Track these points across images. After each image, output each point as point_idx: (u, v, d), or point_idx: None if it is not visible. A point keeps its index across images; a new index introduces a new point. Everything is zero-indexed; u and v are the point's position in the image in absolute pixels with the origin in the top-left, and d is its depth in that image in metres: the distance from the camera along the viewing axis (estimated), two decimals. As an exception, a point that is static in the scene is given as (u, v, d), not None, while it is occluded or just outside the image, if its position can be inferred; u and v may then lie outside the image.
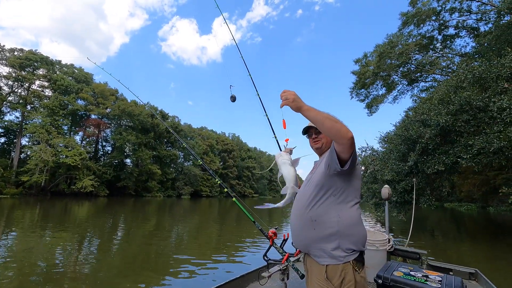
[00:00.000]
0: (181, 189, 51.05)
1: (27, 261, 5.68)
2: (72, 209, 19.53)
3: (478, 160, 7.32)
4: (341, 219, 1.25)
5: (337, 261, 1.23)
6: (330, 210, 1.28)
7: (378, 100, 21.21)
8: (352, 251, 1.24)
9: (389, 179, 8.93)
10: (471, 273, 3.05)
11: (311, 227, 1.30)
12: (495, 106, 7.05)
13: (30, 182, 31.23)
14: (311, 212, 1.32)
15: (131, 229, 11.34)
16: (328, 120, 1.15)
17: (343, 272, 1.21)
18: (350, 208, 1.28)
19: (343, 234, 1.24)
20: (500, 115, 6.98)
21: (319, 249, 1.28)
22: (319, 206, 1.30)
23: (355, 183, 1.31)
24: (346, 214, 1.27)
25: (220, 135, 72.82)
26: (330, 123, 1.15)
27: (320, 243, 1.27)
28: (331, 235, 1.25)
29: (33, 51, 36.95)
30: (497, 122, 7.10)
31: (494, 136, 6.86)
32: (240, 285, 2.58)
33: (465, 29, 17.69)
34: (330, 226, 1.26)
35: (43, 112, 35.19)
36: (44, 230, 9.66)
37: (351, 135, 1.13)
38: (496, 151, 6.91)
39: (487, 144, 6.93)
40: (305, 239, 1.33)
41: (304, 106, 1.22)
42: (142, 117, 42.99)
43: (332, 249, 1.24)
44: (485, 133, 7.18)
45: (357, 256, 1.25)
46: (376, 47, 19.51)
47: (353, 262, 1.23)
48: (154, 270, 5.59)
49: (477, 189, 24.15)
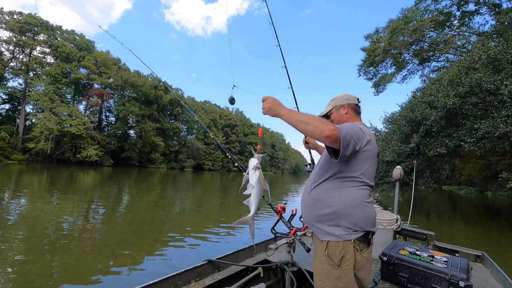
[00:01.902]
0: (184, 161, 51.90)
1: (37, 225, 5.93)
2: (78, 177, 20.11)
3: (481, 144, 7.26)
4: (341, 200, 1.27)
5: (338, 238, 1.25)
6: (332, 190, 1.30)
7: (386, 79, 20.59)
8: (353, 230, 1.25)
9: (390, 160, 8.96)
10: (478, 255, 3.03)
11: (313, 205, 1.35)
12: (507, 89, 6.82)
13: (36, 149, 31.89)
14: (314, 191, 1.38)
15: (135, 198, 11.73)
16: (300, 123, 1.18)
17: (343, 250, 1.23)
18: (354, 190, 1.28)
19: (342, 214, 1.26)
20: (510, 99, 6.79)
21: (320, 226, 1.32)
22: (322, 186, 1.35)
23: (361, 166, 1.29)
24: (348, 195, 1.27)
25: (223, 110, 72.32)
26: (302, 127, 1.17)
27: (321, 221, 1.31)
28: (330, 214, 1.28)
29: (32, 15, 35.77)
30: (506, 106, 6.91)
31: (501, 120, 6.72)
32: (247, 255, 2.66)
33: (486, 5, 16.54)
34: (330, 205, 1.29)
35: (46, 80, 34.90)
36: (51, 196, 10.03)
37: (325, 134, 1.12)
38: (501, 135, 6.81)
39: (492, 128, 6.82)
40: (308, 215, 1.39)
41: (281, 112, 1.24)
42: (145, 89, 42.56)
43: (332, 226, 1.27)
44: (492, 117, 7.03)
45: (360, 236, 1.25)
46: (389, 22, 18.53)
47: (355, 241, 1.24)
48: (158, 239, 5.76)
49: (478, 173, 24.21)
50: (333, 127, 1.14)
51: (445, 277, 1.99)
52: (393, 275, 2.27)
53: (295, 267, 2.18)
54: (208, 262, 2.24)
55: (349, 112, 1.51)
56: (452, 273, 1.99)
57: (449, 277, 1.98)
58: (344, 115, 1.50)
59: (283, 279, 2.45)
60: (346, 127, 1.22)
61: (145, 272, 3.99)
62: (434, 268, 2.07)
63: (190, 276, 2.08)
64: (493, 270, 2.67)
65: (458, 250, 3.08)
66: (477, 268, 2.81)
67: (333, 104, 1.55)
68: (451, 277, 1.97)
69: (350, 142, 1.18)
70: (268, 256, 2.49)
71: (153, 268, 4.14)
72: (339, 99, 1.54)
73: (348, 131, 1.19)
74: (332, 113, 1.55)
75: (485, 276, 2.60)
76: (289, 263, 2.17)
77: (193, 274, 2.11)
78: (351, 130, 1.22)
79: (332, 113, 1.55)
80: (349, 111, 1.51)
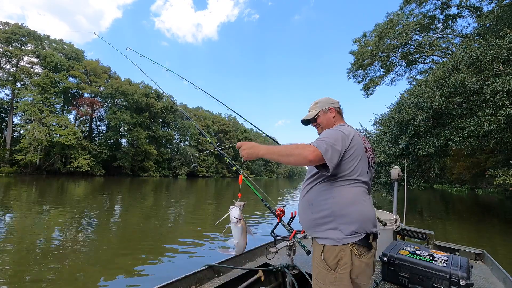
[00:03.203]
0: (178, 169, 51.41)
1: (25, 238, 5.77)
2: (68, 188, 19.67)
3: (467, 143, 7.44)
4: (335, 200, 1.26)
5: (335, 242, 1.22)
6: (324, 192, 1.30)
7: (375, 81, 21.01)
8: (353, 233, 1.21)
9: (380, 161, 9.08)
10: (478, 253, 3.04)
11: (309, 210, 1.34)
12: (489, 89, 7.04)
13: (25, 161, 31.11)
14: (307, 196, 1.37)
15: (128, 208, 11.54)
16: (282, 158, 1.21)
17: (339, 254, 1.21)
18: (347, 188, 1.27)
19: (338, 214, 1.24)
20: (492, 98, 7.00)
21: (318, 230, 1.30)
22: (313, 190, 1.35)
23: (350, 165, 1.28)
24: (341, 194, 1.26)
25: (216, 116, 72.21)
26: (284, 160, 1.21)
27: (319, 224, 1.29)
28: (327, 216, 1.26)
29: (19, 25, 35.26)
30: (489, 105, 7.13)
31: (485, 119, 6.93)
32: (248, 258, 2.65)
33: (467, 9, 17.16)
34: (324, 207, 1.28)
35: (34, 90, 34.27)
36: (41, 209, 9.78)
37: (309, 159, 1.15)
38: (485, 134, 7.01)
39: (477, 127, 7.02)
40: (305, 221, 1.38)
41: (260, 152, 1.27)
42: (136, 96, 42.19)
43: (329, 230, 1.25)
44: (477, 116, 7.24)
45: (359, 239, 1.21)
46: (376, 26, 18.98)
47: (353, 245, 1.20)
48: (153, 248, 5.67)
49: (468, 171, 24.73)
50: (313, 149, 1.16)
51: (446, 276, 2.00)
52: (394, 276, 2.26)
53: (295, 270, 2.18)
54: (208, 267, 2.21)
55: (336, 115, 1.55)
56: (453, 272, 1.99)
57: (449, 276, 1.98)
58: (332, 118, 1.54)
59: (284, 282, 2.44)
60: (324, 138, 1.23)
61: (140, 283, 3.91)
62: (435, 268, 2.07)
63: (190, 282, 2.05)
64: (494, 268, 2.68)
65: (458, 248, 3.08)
66: (478, 266, 2.81)
67: (318, 107, 1.57)
68: (452, 276, 1.97)
69: (333, 153, 1.18)
70: (268, 260, 2.48)
71: (148, 278, 4.07)
72: (324, 103, 1.56)
73: (328, 143, 1.20)
74: (319, 116, 1.56)
75: (486, 274, 2.61)
76: (289, 266, 2.17)
77: (193, 280, 2.07)
78: (331, 138, 1.23)
79: (319, 116, 1.56)
80: (336, 115, 1.55)
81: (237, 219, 1.39)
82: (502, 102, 6.75)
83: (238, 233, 1.38)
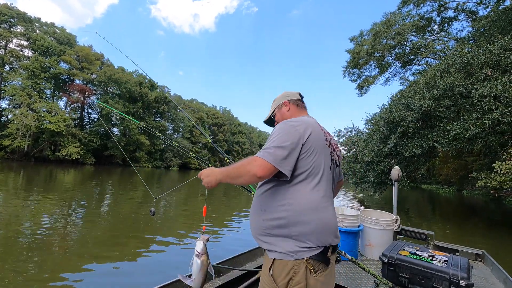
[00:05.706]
0: (170, 160, 51.12)
1: (12, 226, 5.66)
2: (57, 175, 19.38)
3: (453, 145, 7.62)
4: (291, 206, 1.08)
5: (287, 256, 1.04)
6: (279, 196, 1.12)
7: (369, 81, 21.16)
8: (308, 246, 1.04)
9: (369, 160, 9.23)
10: (478, 254, 3.04)
11: (260, 217, 1.17)
12: (477, 93, 7.18)
13: (12, 146, 30.42)
14: (259, 199, 1.20)
15: (118, 197, 11.46)
16: (234, 180, 1.11)
17: (291, 271, 1.02)
18: (305, 190, 1.10)
19: (292, 222, 1.06)
20: (480, 103, 7.15)
21: (267, 240, 1.12)
22: (267, 193, 1.17)
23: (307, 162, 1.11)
24: (298, 197, 1.09)
25: (211, 108, 71.72)
26: (237, 182, 1.11)
27: (269, 233, 1.12)
28: (279, 224, 1.09)
29: (8, 5, 34.02)
30: (476, 109, 7.29)
31: (471, 122, 7.09)
32: (248, 259, 2.65)
33: (464, 12, 17.35)
34: (278, 214, 1.10)
35: (23, 74, 33.32)
36: (28, 196, 9.62)
37: (259, 175, 1.02)
38: (471, 137, 7.18)
39: (463, 130, 7.18)
40: (254, 228, 1.20)
41: (218, 178, 1.16)
42: (130, 85, 41.49)
43: (281, 239, 1.07)
44: (463, 120, 7.40)
45: (317, 253, 1.04)
46: (373, 25, 19.02)
47: (309, 260, 1.03)
48: (142, 239, 5.61)
49: (455, 173, 25.31)
50: (259, 162, 1.03)
51: (446, 276, 2.00)
52: (394, 276, 2.26)
53: None
54: None
55: (291, 108, 1.43)
56: (453, 272, 1.99)
57: (449, 276, 1.98)
58: (286, 112, 1.42)
59: None
60: (272, 142, 1.09)
61: (128, 276, 3.87)
62: (435, 268, 2.08)
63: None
64: (494, 268, 2.68)
65: (458, 249, 3.10)
66: (478, 267, 2.82)
67: (274, 105, 1.49)
68: (452, 276, 1.97)
69: (284, 157, 1.05)
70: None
71: (137, 270, 4.07)
72: (279, 99, 1.48)
73: (275, 146, 1.06)
74: (275, 115, 1.48)
75: (486, 275, 2.62)
76: None
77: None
78: (278, 137, 1.09)
79: (275, 115, 1.48)
80: (291, 107, 1.43)
81: (199, 254, 1.32)
82: (488, 106, 6.90)
83: (196, 269, 1.31)
